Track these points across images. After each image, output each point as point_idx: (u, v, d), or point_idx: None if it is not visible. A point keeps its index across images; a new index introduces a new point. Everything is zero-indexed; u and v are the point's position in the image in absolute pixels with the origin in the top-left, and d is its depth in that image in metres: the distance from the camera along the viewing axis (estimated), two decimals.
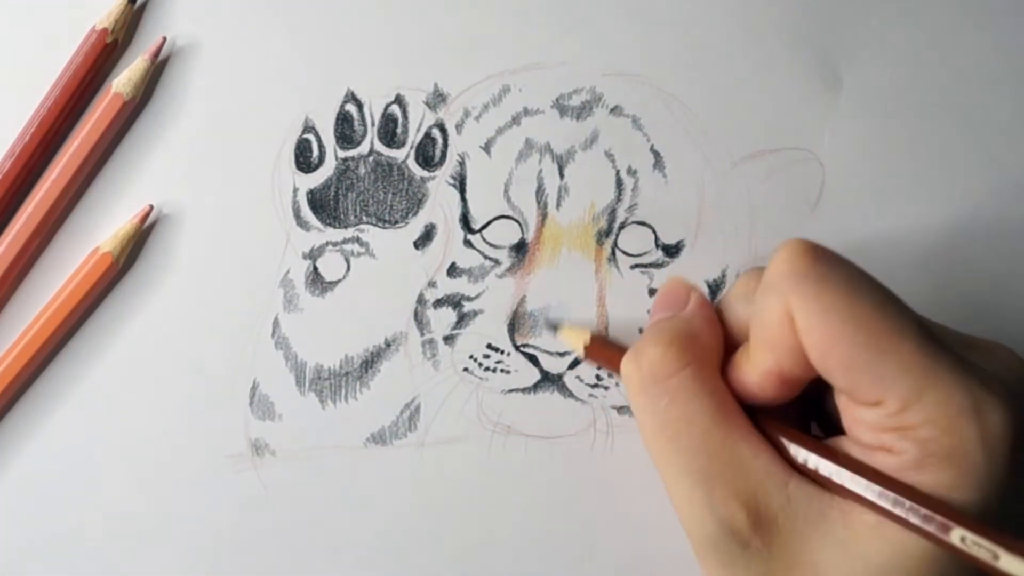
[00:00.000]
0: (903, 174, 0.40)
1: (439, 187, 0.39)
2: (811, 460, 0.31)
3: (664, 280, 0.39)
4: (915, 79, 0.40)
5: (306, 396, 0.39)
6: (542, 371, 0.39)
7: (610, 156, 0.40)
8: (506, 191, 0.39)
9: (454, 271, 0.39)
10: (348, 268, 0.39)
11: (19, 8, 0.39)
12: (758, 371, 0.31)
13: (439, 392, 0.39)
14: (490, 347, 0.39)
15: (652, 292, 0.39)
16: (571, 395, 0.39)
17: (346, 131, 0.39)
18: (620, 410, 0.39)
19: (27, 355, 0.38)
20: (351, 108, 0.39)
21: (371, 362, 0.39)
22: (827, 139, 0.40)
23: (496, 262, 0.39)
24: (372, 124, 0.39)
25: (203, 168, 0.39)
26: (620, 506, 0.39)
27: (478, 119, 0.40)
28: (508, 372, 0.39)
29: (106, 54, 0.39)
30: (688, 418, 0.32)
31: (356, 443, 0.39)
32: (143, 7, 0.40)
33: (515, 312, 0.39)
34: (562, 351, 0.39)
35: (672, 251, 0.40)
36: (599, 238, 0.39)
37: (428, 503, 0.39)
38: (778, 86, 0.40)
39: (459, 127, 0.40)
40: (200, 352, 0.39)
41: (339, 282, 0.39)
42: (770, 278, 0.31)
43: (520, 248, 0.39)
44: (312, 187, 0.39)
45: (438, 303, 0.39)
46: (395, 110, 0.39)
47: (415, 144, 0.39)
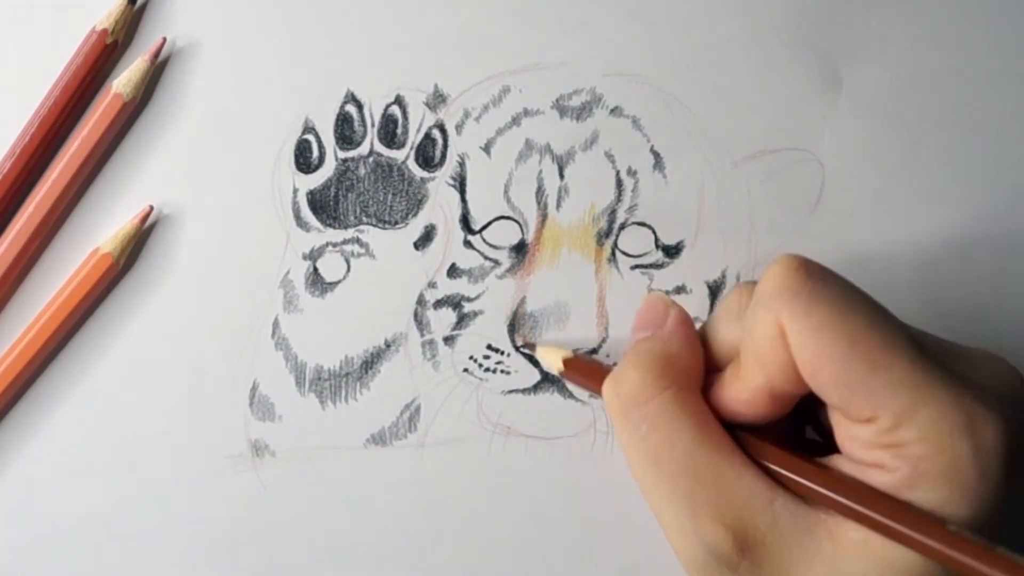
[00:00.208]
0: (903, 174, 0.40)
1: (439, 188, 0.39)
2: (797, 475, 0.30)
3: (660, 286, 0.39)
4: (915, 79, 0.40)
5: (306, 397, 0.39)
6: (542, 372, 0.39)
7: (610, 157, 0.40)
8: (506, 192, 0.39)
9: (454, 272, 0.39)
10: (348, 269, 0.39)
11: (19, 8, 0.39)
12: (749, 388, 0.31)
13: (439, 393, 0.39)
14: (490, 348, 0.39)
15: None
16: (571, 396, 0.39)
17: (346, 132, 0.39)
18: None
19: (27, 355, 0.38)
20: (351, 109, 0.39)
21: (371, 363, 0.39)
22: (827, 139, 0.40)
23: (496, 263, 0.39)
24: (372, 125, 0.39)
25: (203, 168, 0.39)
26: (620, 506, 0.39)
27: (478, 120, 0.39)
28: (508, 373, 0.39)
29: (106, 54, 0.39)
30: (670, 442, 0.31)
31: (356, 444, 0.39)
32: (143, 7, 0.40)
33: (515, 313, 0.39)
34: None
35: (672, 252, 0.40)
36: (599, 239, 0.39)
37: (428, 504, 0.39)
38: (778, 86, 0.40)
39: (459, 128, 0.40)
40: (200, 352, 0.39)
41: (339, 283, 0.39)
42: (762, 294, 0.30)
43: (520, 249, 0.39)
44: (312, 188, 0.39)
45: (438, 304, 0.39)
46: (395, 111, 0.39)
47: (415, 145, 0.39)
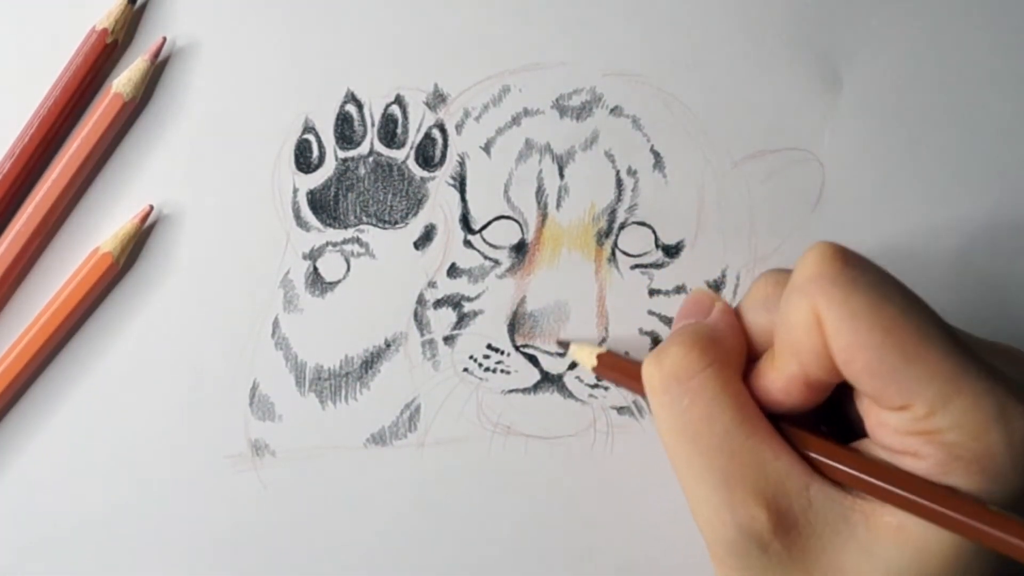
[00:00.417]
0: (903, 174, 0.40)
1: (439, 187, 0.39)
2: (835, 460, 0.30)
3: (660, 286, 0.39)
4: (915, 79, 0.40)
5: (306, 396, 0.39)
6: (542, 371, 0.39)
7: (610, 156, 0.40)
8: (506, 191, 0.39)
9: (454, 271, 0.39)
10: (348, 268, 0.39)
11: (19, 8, 0.39)
12: (784, 376, 0.31)
13: (439, 392, 0.39)
14: (490, 347, 0.39)
15: (652, 292, 0.39)
16: (571, 395, 0.39)
17: (346, 131, 0.39)
18: (620, 410, 0.39)
19: (27, 355, 0.38)
20: (351, 108, 0.39)
21: (371, 362, 0.39)
22: (827, 139, 0.40)
23: (496, 262, 0.39)
24: (372, 124, 0.39)
25: (203, 168, 0.39)
26: (620, 506, 0.39)
27: (478, 119, 0.39)
28: (508, 372, 0.39)
29: (106, 54, 0.39)
30: (709, 418, 0.31)
31: (356, 443, 0.39)
32: (143, 7, 0.40)
33: (515, 312, 0.39)
34: (562, 351, 0.39)
35: (672, 251, 0.40)
36: (599, 238, 0.39)
37: (428, 503, 0.39)
38: (778, 86, 0.40)
39: (459, 127, 0.40)
40: (200, 352, 0.39)
41: (339, 282, 0.39)
42: (797, 281, 0.30)
43: (520, 248, 0.39)
44: (312, 187, 0.39)
45: (438, 303, 0.39)
46: (395, 110, 0.39)
47: (415, 144, 0.39)
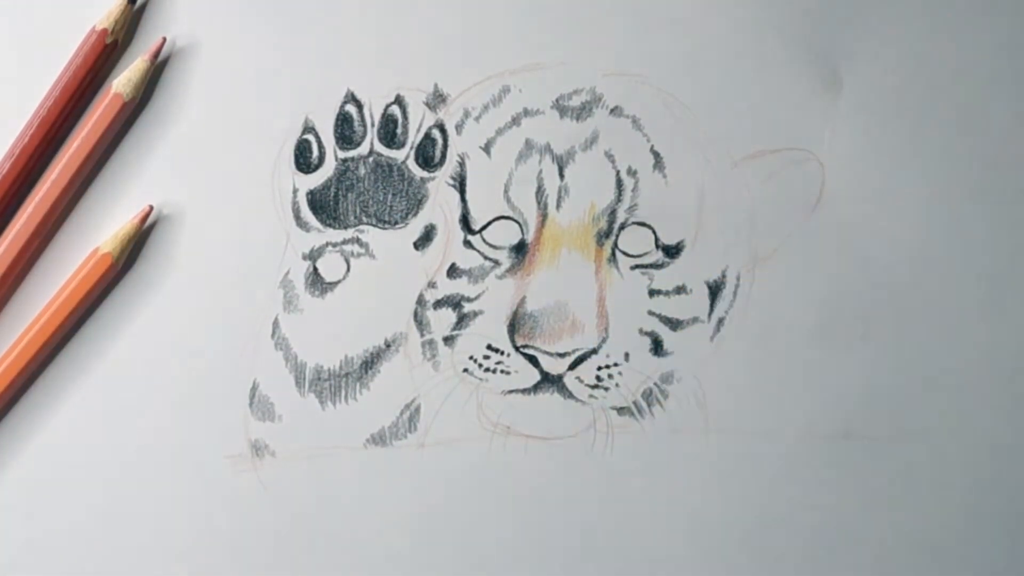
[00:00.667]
0: (903, 174, 0.40)
1: (439, 188, 0.39)
2: None
3: (660, 286, 0.39)
4: (915, 79, 0.40)
5: (306, 397, 0.39)
6: (542, 372, 0.39)
7: (610, 157, 0.40)
8: (506, 192, 0.39)
9: (454, 272, 0.39)
10: (348, 269, 0.39)
11: (19, 8, 0.39)
12: None
13: (439, 393, 0.39)
14: (490, 348, 0.39)
15: (652, 293, 0.39)
16: (571, 396, 0.39)
17: (346, 132, 0.39)
18: (620, 411, 0.39)
19: (27, 355, 0.38)
20: (351, 109, 0.39)
21: (371, 363, 0.39)
22: (827, 139, 0.40)
23: (496, 263, 0.39)
24: (372, 125, 0.39)
25: (203, 168, 0.39)
26: (620, 506, 0.39)
27: (478, 119, 0.39)
28: (508, 373, 0.39)
29: (106, 54, 0.39)
30: None
31: (356, 444, 0.39)
32: (143, 7, 0.40)
33: (515, 313, 0.39)
34: (562, 351, 0.39)
35: (672, 252, 0.40)
36: (599, 239, 0.39)
37: (428, 503, 0.39)
38: (778, 86, 0.40)
39: (459, 127, 0.39)
40: (200, 352, 0.39)
41: (339, 283, 0.39)
42: None
43: (520, 249, 0.39)
44: (312, 188, 0.39)
45: (438, 304, 0.39)
46: (395, 111, 0.39)
47: (415, 145, 0.39)
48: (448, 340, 0.39)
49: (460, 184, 0.39)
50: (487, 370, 0.39)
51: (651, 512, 0.39)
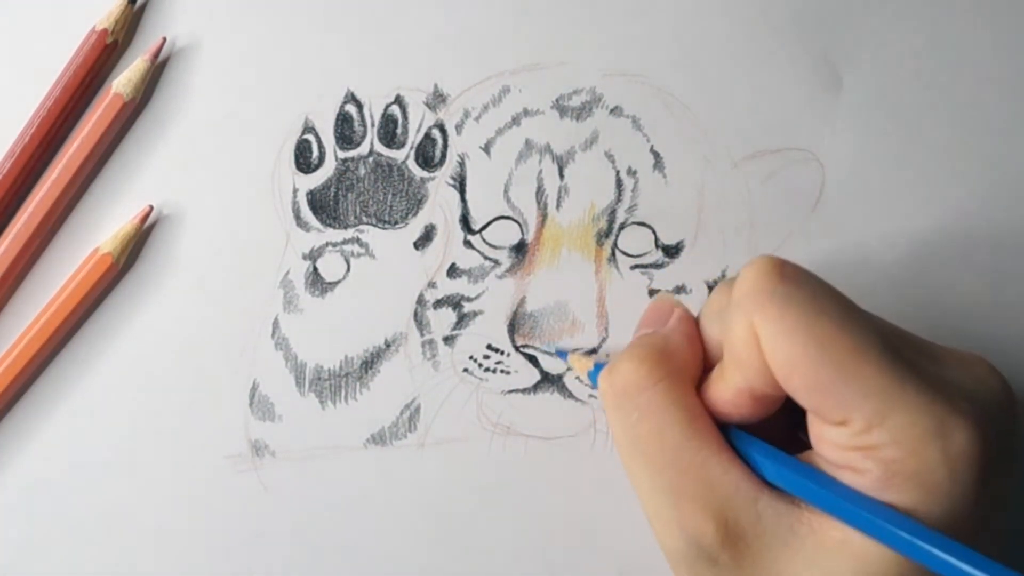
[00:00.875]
0: (903, 174, 0.40)
1: (439, 188, 0.39)
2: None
3: (660, 286, 0.39)
4: (915, 79, 0.40)
5: (306, 397, 0.39)
6: (542, 372, 0.39)
7: (610, 157, 0.40)
8: (506, 192, 0.39)
9: (454, 272, 0.39)
10: (348, 269, 0.39)
11: (19, 8, 0.39)
12: (731, 390, 0.31)
13: (439, 393, 0.39)
14: (490, 348, 0.39)
15: (652, 293, 0.39)
16: (571, 395, 0.39)
17: (346, 132, 0.39)
18: None
19: (27, 355, 0.38)
20: (351, 108, 0.39)
21: (371, 363, 0.39)
22: (827, 139, 0.40)
23: (496, 263, 0.39)
24: (372, 125, 0.39)
25: (203, 168, 0.39)
26: (620, 506, 0.39)
27: (478, 120, 0.39)
28: (508, 373, 0.39)
29: (106, 54, 0.39)
30: (659, 433, 0.31)
31: (356, 444, 0.39)
32: (143, 7, 0.40)
33: (515, 313, 0.39)
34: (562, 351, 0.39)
35: (672, 251, 0.40)
36: (599, 239, 0.39)
37: (428, 503, 0.39)
38: (778, 86, 0.40)
39: (459, 127, 0.40)
40: (200, 352, 0.39)
41: (339, 283, 0.39)
42: (736, 297, 0.30)
43: (520, 249, 0.39)
44: (312, 188, 0.39)
45: (438, 304, 0.39)
46: (395, 110, 0.39)
47: (415, 145, 0.39)
48: (448, 340, 0.39)
49: (460, 184, 0.39)
50: (487, 370, 0.39)
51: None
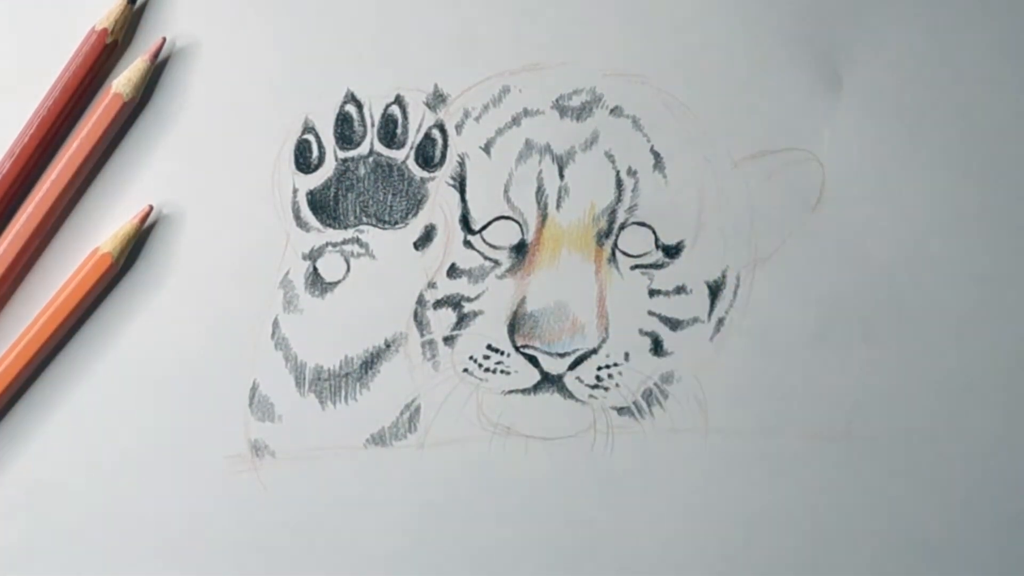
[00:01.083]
0: (903, 174, 0.40)
1: (439, 188, 0.39)
2: None
3: (661, 286, 0.39)
4: (915, 79, 0.40)
5: (306, 397, 0.39)
6: (542, 372, 0.39)
7: (610, 157, 0.40)
8: (506, 192, 0.39)
9: (454, 272, 0.39)
10: (348, 269, 0.39)
11: (19, 8, 0.39)
12: None
13: (439, 393, 0.39)
14: (490, 348, 0.39)
15: (652, 293, 0.39)
16: (571, 396, 0.39)
17: (346, 132, 0.39)
18: (620, 411, 0.39)
19: (27, 355, 0.38)
20: (351, 109, 0.39)
21: (371, 363, 0.39)
22: (827, 139, 0.40)
23: (496, 263, 0.39)
24: (372, 125, 0.39)
25: (203, 168, 0.39)
26: (620, 506, 0.39)
27: (478, 120, 0.39)
28: (508, 373, 0.39)
29: (106, 54, 0.39)
30: None
31: (356, 444, 0.39)
32: (143, 7, 0.40)
33: (515, 313, 0.39)
34: (562, 352, 0.39)
35: (672, 252, 0.40)
36: (599, 239, 0.39)
37: (428, 504, 0.39)
38: (778, 86, 0.40)
39: (459, 128, 0.39)
40: (200, 352, 0.39)
41: (339, 283, 0.39)
42: None
43: (520, 249, 0.39)
44: (312, 188, 0.39)
45: (438, 304, 0.39)
46: (395, 111, 0.39)
47: (415, 145, 0.39)
48: (448, 340, 0.39)
49: (460, 184, 0.39)
50: (487, 370, 0.39)
51: (651, 512, 0.39)
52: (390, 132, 0.39)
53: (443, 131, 0.39)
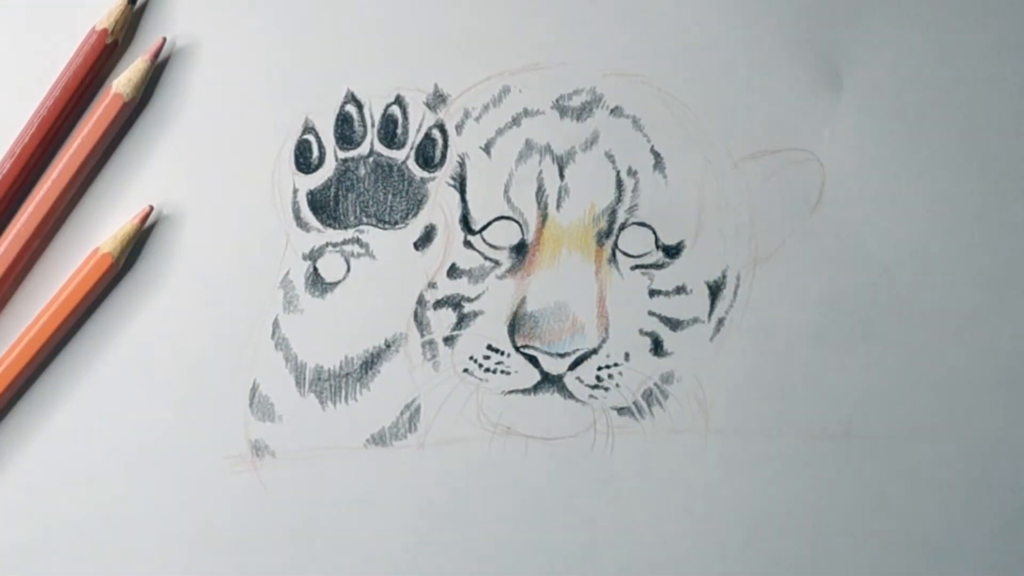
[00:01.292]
0: (903, 174, 0.40)
1: (439, 188, 0.39)
2: None
3: (661, 287, 0.39)
4: (915, 79, 0.40)
5: (306, 397, 0.39)
6: (542, 372, 0.39)
7: (610, 157, 0.40)
8: (506, 192, 0.39)
9: (454, 272, 0.39)
10: (348, 269, 0.39)
11: (19, 8, 0.39)
12: None
13: (439, 393, 0.39)
14: (490, 348, 0.39)
15: (652, 293, 0.39)
16: (571, 396, 0.39)
17: (346, 132, 0.39)
18: (620, 411, 0.39)
19: (27, 355, 0.38)
20: (351, 109, 0.39)
21: (371, 363, 0.39)
22: (827, 139, 0.40)
23: (496, 263, 0.39)
24: (372, 125, 0.39)
25: (203, 168, 0.39)
26: (620, 506, 0.39)
27: (478, 120, 0.39)
28: (508, 373, 0.39)
29: (106, 54, 0.39)
30: None
31: (356, 444, 0.39)
32: (143, 7, 0.40)
33: (515, 313, 0.39)
34: (562, 352, 0.39)
35: (672, 252, 0.40)
36: (599, 239, 0.39)
37: (428, 504, 0.39)
38: (778, 86, 0.40)
39: (459, 128, 0.40)
40: (200, 352, 0.39)
41: (339, 283, 0.39)
42: None
43: (520, 249, 0.39)
44: (312, 188, 0.39)
45: (438, 304, 0.39)
46: (395, 111, 0.39)
47: (415, 145, 0.39)
48: (448, 340, 0.39)
49: (460, 184, 0.39)
50: (487, 370, 0.39)
51: (651, 512, 0.39)
52: (390, 132, 0.39)
53: (443, 131, 0.39)
